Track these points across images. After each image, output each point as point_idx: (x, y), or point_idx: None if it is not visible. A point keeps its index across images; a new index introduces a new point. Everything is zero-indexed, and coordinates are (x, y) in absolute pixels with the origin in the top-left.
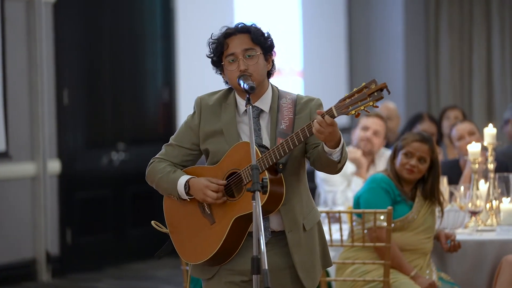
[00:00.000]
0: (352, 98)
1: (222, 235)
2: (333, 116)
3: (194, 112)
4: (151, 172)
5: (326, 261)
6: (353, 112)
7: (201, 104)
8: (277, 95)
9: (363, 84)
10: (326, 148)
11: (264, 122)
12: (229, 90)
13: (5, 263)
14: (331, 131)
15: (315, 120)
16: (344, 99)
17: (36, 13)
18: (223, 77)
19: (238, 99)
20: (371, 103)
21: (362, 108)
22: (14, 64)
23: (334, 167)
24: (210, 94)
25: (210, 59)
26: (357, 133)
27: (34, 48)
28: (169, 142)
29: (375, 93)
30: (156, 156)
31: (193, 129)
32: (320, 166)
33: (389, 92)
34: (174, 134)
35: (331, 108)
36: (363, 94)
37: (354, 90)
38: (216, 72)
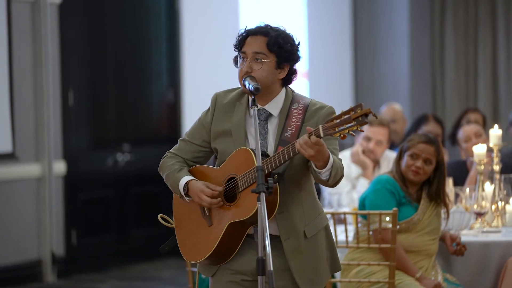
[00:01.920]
0: (340, 120)
1: (217, 238)
2: (319, 136)
3: (209, 109)
4: (162, 166)
5: (335, 266)
6: (338, 134)
7: (216, 101)
8: (290, 99)
9: (350, 106)
10: (313, 167)
11: (273, 126)
12: None
13: (10, 264)
14: (316, 150)
15: (300, 138)
16: (332, 120)
17: (42, 14)
18: None
19: (250, 100)
20: (355, 128)
21: (347, 131)
22: (20, 65)
23: (326, 184)
24: (227, 91)
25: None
26: (359, 140)
27: (40, 49)
28: (183, 137)
29: (360, 118)
30: (170, 150)
31: (205, 126)
32: (315, 179)
33: (376, 117)
34: (189, 128)
35: (318, 128)
36: (349, 118)
37: (342, 112)
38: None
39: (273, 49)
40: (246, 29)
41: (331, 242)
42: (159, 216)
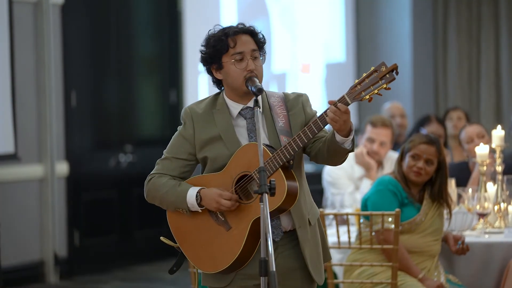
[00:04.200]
0: (363, 83)
1: (242, 239)
2: (347, 104)
3: (185, 123)
4: (152, 188)
5: (326, 255)
6: (367, 97)
7: (191, 113)
8: (265, 94)
9: (372, 68)
10: (338, 137)
11: (259, 121)
12: (216, 96)
13: (13, 265)
14: (345, 119)
15: (328, 110)
16: (355, 86)
17: (44, 15)
18: (213, 75)
19: (229, 103)
20: (384, 86)
21: (375, 92)
22: (22, 66)
23: (342, 157)
24: (197, 103)
25: (202, 56)
26: (363, 142)
27: (42, 50)
28: (163, 157)
29: (387, 75)
30: (153, 172)
31: (188, 139)
32: (327, 156)
33: (397, 73)
34: (167, 147)
35: (343, 96)
36: (375, 78)
37: (364, 75)
38: (205, 68)
39: (259, 44)
40: (225, 31)
41: (322, 232)
42: (161, 238)
